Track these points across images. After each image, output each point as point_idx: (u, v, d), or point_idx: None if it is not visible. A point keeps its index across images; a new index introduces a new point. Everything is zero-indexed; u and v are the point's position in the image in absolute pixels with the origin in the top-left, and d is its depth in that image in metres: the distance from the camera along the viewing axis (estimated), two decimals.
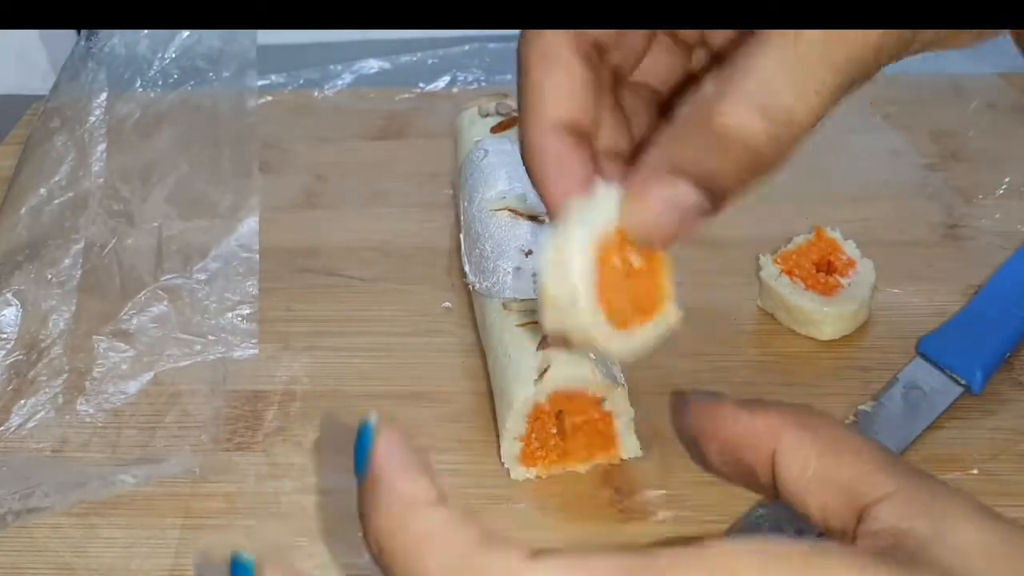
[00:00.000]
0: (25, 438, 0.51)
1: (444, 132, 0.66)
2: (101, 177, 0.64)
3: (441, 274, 0.60)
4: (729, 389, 0.53)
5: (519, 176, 0.56)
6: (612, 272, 0.30)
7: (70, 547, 0.46)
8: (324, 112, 0.75)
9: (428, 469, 0.27)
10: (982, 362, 0.50)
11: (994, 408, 0.50)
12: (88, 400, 0.53)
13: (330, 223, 0.65)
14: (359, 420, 0.29)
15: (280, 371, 0.55)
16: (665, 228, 0.30)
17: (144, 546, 0.46)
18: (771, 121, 0.30)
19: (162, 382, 0.54)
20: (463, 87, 0.76)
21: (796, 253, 0.55)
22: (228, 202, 0.63)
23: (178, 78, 0.69)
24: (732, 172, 0.30)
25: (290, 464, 0.49)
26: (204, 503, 0.48)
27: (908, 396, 0.50)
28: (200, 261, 0.60)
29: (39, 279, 0.59)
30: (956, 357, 0.51)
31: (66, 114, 0.68)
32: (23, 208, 0.63)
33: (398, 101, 0.75)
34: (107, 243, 0.61)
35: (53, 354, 0.55)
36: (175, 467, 0.49)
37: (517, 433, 0.47)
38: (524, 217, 0.53)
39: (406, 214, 0.65)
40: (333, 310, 0.58)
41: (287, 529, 0.46)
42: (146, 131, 0.67)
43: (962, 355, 0.51)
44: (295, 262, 0.61)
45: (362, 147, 0.72)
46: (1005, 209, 0.62)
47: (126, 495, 0.48)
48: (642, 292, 0.31)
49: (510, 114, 0.61)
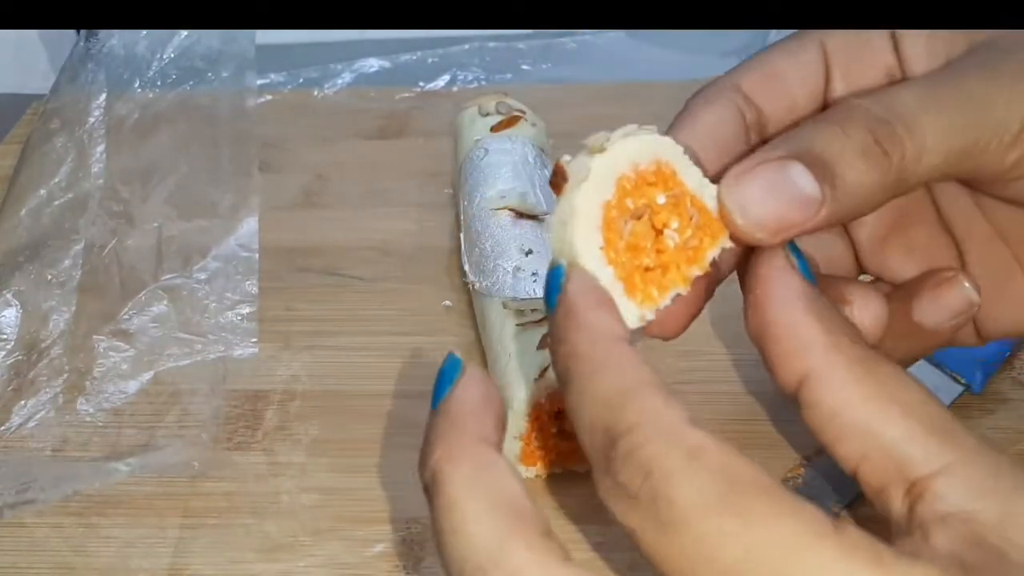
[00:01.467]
0: (25, 438, 0.51)
1: (444, 131, 0.66)
2: (101, 178, 0.64)
3: (441, 274, 0.60)
4: (729, 388, 0.53)
5: (519, 175, 0.56)
6: (626, 226, 0.28)
7: (70, 546, 0.46)
8: (324, 112, 0.75)
9: (611, 306, 0.27)
10: (982, 361, 0.50)
11: (994, 407, 0.50)
12: (88, 400, 0.53)
13: (330, 223, 0.65)
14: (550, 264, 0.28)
15: (280, 370, 0.55)
16: (767, 212, 0.28)
17: (143, 545, 0.46)
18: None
19: (162, 381, 0.54)
20: (463, 86, 0.76)
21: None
22: (228, 202, 0.63)
23: (177, 78, 0.69)
24: (852, 160, 0.29)
25: (290, 463, 0.49)
26: (203, 502, 0.48)
27: None
28: (200, 261, 0.60)
29: (39, 280, 0.59)
30: (956, 356, 0.51)
31: (65, 115, 0.68)
32: (23, 209, 0.63)
33: (398, 100, 0.75)
34: (107, 243, 0.61)
35: (53, 354, 0.55)
36: (172, 457, 0.49)
37: (517, 432, 0.47)
38: (524, 216, 0.53)
39: (406, 214, 0.65)
40: (333, 310, 0.58)
41: (287, 528, 0.46)
42: (145, 131, 0.67)
43: (962, 354, 0.51)
44: (295, 262, 0.61)
45: (362, 147, 0.72)
46: None
47: (125, 494, 0.48)
48: (673, 254, 0.29)
49: (510, 113, 0.61)
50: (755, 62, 0.34)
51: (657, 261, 0.29)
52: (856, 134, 0.30)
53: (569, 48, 0.77)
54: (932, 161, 0.30)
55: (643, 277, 0.28)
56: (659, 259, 0.29)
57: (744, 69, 0.34)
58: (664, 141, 0.29)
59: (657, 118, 0.32)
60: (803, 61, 0.34)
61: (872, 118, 0.30)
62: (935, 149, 0.30)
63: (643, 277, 0.28)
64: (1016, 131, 0.31)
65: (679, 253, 0.29)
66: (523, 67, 0.76)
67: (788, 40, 0.34)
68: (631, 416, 0.24)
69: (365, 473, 0.48)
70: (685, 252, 0.29)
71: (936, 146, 0.30)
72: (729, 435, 0.52)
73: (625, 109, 0.72)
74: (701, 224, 0.29)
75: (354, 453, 0.49)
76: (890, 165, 0.29)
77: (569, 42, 0.77)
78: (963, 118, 0.30)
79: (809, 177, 0.29)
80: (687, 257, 0.29)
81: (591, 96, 0.74)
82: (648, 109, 0.73)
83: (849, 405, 0.26)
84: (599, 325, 0.26)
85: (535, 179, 0.56)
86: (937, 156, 0.30)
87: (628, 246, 0.28)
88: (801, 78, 0.34)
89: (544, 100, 0.67)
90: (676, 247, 0.29)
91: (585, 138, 0.29)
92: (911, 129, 0.30)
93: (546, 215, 0.53)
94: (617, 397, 0.25)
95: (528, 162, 0.57)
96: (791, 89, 0.34)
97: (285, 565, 0.45)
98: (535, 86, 0.75)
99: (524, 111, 0.61)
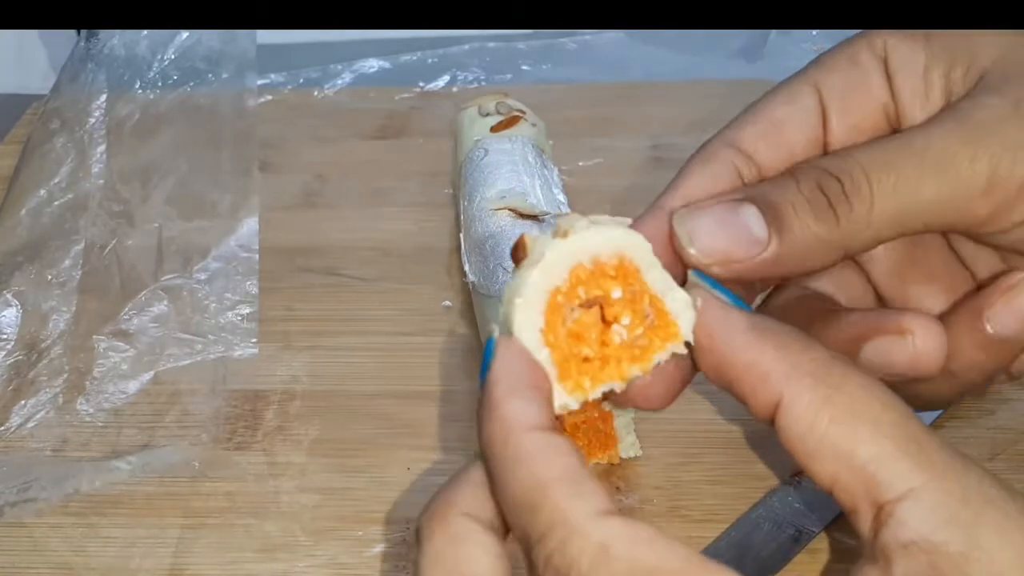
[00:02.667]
0: (25, 438, 0.51)
1: (444, 131, 0.66)
2: (101, 178, 0.64)
3: (441, 274, 0.60)
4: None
5: (519, 175, 0.56)
6: (573, 315, 0.28)
7: (69, 546, 0.46)
8: (324, 111, 0.75)
9: (538, 388, 0.27)
10: None
11: (994, 407, 0.50)
12: (88, 400, 0.53)
13: (330, 223, 0.65)
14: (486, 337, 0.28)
15: (280, 370, 0.55)
16: (715, 244, 0.30)
17: (143, 545, 0.46)
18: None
19: (162, 381, 0.54)
20: (463, 86, 0.76)
21: None
22: (228, 202, 0.63)
23: (177, 79, 0.69)
24: (801, 210, 0.30)
25: (290, 463, 0.49)
26: (204, 502, 0.48)
27: None
28: (200, 261, 0.60)
29: (39, 280, 0.59)
30: None
31: (66, 115, 0.68)
32: (23, 209, 0.63)
33: (398, 100, 0.75)
34: (107, 243, 0.61)
35: (53, 354, 0.55)
36: (172, 456, 0.49)
37: None
38: (524, 216, 0.53)
39: (406, 214, 0.65)
40: (333, 310, 0.58)
41: (287, 528, 0.46)
42: (146, 132, 0.67)
43: None
44: (295, 262, 0.61)
45: (362, 146, 0.72)
46: None
47: (125, 494, 0.48)
48: (617, 349, 0.29)
49: (510, 113, 0.61)
50: (751, 115, 0.34)
51: (599, 353, 0.29)
52: (806, 187, 0.31)
53: (569, 48, 0.77)
54: (882, 218, 0.31)
55: (579, 366, 0.28)
56: (602, 351, 0.29)
57: (741, 124, 0.34)
58: (634, 238, 0.29)
59: (657, 118, 0.32)
60: (799, 107, 0.34)
61: (824, 174, 0.31)
62: (884, 207, 0.31)
63: (579, 366, 0.28)
64: (983, 185, 0.31)
65: (623, 349, 0.29)
66: (523, 67, 0.76)
67: (782, 87, 0.35)
68: (543, 521, 0.25)
69: (365, 473, 0.48)
70: (631, 350, 0.29)
71: (885, 203, 0.31)
72: (731, 435, 0.52)
73: (625, 109, 0.72)
74: (655, 325, 0.29)
75: (354, 453, 0.49)
76: (836, 220, 0.30)
77: (569, 42, 0.77)
78: (917, 174, 0.31)
79: (759, 219, 0.30)
80: (631, 355, 0.29)
81: (591, 96, 0.74)
82: (648, 109, 0.73)
83: (817, 427, 0.26)
84: (514, 416, 0.26)
85: (535, 179, 0.56)
86: (887, 213, 0.31)
87: (570, 333, 0.28)
88: (798, 125, 0.34)
89: (544, 100, 0.67)
90: (622, 343, 0.29)
91: (560, 219, 0.29)
92: (858, 185, 0.30)
93: (546, 215, 0.53)
94: (529, 497, 0.25)
95: (528, 162, 0.57)
96: (789, 138, 0.34)
97: (285, 565, 0.45)
98: (535, 86, 0.75)
99: (524, 111, 0.61)
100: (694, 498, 0.46)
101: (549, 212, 0.54)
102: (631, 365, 0.29)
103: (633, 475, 0.48)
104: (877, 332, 0.32)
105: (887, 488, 0.25)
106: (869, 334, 0.32)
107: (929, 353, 0.32)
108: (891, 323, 0.33)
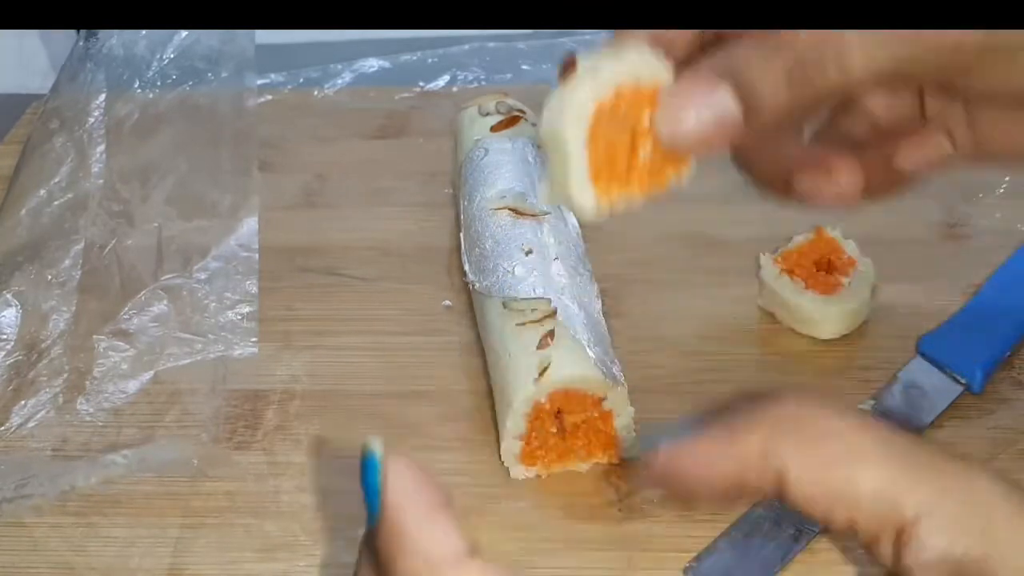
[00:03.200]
0: (25, 438, 0.51)
1: (444, 131, 0.66)
2: (101, 178, 0.64)
3: (441, 273, 0.60)
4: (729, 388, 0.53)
5: (519, 175, 0.56)
6: (612, 129, 0.30)
7: (69, 545, 0.46)
8: (324, 111, 0.75)
9: (446, 508, 0.25)
10: (982, 361, 0.50)
11: (994, 407, 0.50)
12: (88, 400, 0.53)
13: (330, 222, 0.65)
14: (362, 447, 0.27)
15: (280, 370, 0.55)
16: (694, 128, 0.30)
17: (143, 544, 0.46)
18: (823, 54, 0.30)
19: (162, 381, 0.54)
20: (463, 86, 0.76)
21: (796, 252, 0.55)
22: (228, 202, 0.63)
23: (177, 78, 0.69)
24: (771, 85, 0.30)
25: (289, 463, 0.49)
26: (203, 501, 0.48)
27: (908, 395, 0.50)
28: (200, 261, 0.60)
29: (39, 280, 0.59)
30: (956, 356, 0.51)
31: (65, 115, 0.68)
32: (23, 209, 0.63)
33: (398, 100, 0.75)
34: (107, 243, 0.61)
35: (53, 354, 0.55)
36: (170, 454, 0.49)
37: (517, 432, 0.47)
38: (524, 216, 0.53)
39: (406, 213, 0.65)
40: (333, 309, 0.58)
41: (287, 528, 0.46)
42: (145, 131, 0.67)
43: (962, 354, 0.51)
44: (295, 261, 0.61)
45: (362, 146, 0.72)
46: (1005, 208, 0.62)
47: (125, 493, 0.48)
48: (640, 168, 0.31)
49: (510, 113, 0.61)
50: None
51: (627, 166, 0.31)
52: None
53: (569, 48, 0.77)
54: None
55: (609, 174, 0.31)
56: (629, 165, 0.31)
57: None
58: (669, 75, 0.31)
59: None
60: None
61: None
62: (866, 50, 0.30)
63: (609, 174, 0.31)
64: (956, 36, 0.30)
65: (645, 169, 0.31)
66: (523, 67, 0.76)
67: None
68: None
69: None
70: (651, 170, 0.31)
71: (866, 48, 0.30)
72: None
73: None
74: (669, 155, 0.31)
75: (354, 453, 0.49)
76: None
77: (569, 42, 0.77)
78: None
79: (731, 97, 0.30)
80: (651, 175, 0.31)
81: None
82: None
83: (814, 478, 0.26)
84: (439, 551, 0.25)
85: (535, 179, 0.56)
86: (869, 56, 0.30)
87: (607, 145, 0.30)
88: None
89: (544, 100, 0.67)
90: (643, 164, 0.31)
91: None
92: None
93: (546, 215, 0.53)
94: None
95: (528, 162, 0.57)
96: None
97: (285, 565, 0.45)
98: (535, 86, 0.75)
99: (524, 111, 0.61)
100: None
101: (549, 212, 0.54)
102: (651, 181, 0.31)
103: (633, 475, 0.48)
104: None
105: (899, 514, 0.25)
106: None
107: (847, 188, 0.34)
108: (823, 160, 0.34)
